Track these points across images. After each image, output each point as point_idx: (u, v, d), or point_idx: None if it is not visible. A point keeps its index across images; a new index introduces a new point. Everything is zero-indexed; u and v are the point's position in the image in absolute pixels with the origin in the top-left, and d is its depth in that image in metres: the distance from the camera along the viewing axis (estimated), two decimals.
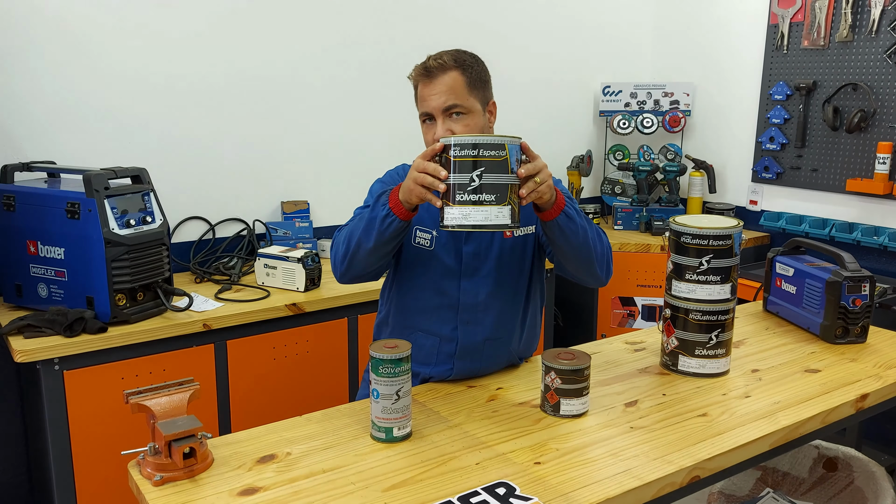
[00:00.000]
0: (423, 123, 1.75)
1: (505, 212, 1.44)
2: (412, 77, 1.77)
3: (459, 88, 1.70)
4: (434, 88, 1.70)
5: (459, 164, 1.43)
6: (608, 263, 1.73)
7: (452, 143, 1.44)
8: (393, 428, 1.45)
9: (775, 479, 2.33)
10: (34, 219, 2.19)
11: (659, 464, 1.38)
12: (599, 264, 1.69)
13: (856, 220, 3.24)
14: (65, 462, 2.12)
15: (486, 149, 1.42)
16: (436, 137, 1.68)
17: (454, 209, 1.44)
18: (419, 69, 1.73)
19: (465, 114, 1.72)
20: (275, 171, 3.02)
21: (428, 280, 1.78)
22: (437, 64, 1.71)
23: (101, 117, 2.62)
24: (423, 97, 1.73)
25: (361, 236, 1.64)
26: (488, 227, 1.44)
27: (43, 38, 2.48)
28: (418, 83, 1.74)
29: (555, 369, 1.55)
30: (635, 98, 3.88)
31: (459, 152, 1.43)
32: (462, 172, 1.43)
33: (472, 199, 1.43)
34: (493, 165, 1.42)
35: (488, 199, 1.43)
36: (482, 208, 1.43)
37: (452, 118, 1.70)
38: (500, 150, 1.43)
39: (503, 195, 1.44)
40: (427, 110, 1.72)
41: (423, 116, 1.74)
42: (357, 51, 3.14)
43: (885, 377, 1.78)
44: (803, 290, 2.10)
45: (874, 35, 3.08)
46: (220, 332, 2.34)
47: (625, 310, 3.45)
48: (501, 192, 1.43)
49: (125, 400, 1.36)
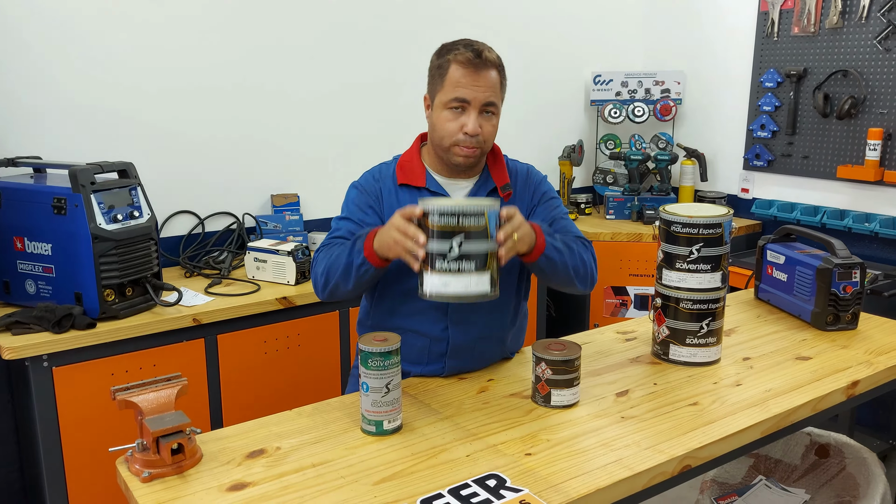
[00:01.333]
0: (448, 109, 1.67)
1: (484, 279, 1.44)
2: (449, 57, 1.67)
3: (498, 88, 1.70)
4: (481, 80, 1.65)
5: (439, 232, 1.42)
6: (591, 278, 1.74)
7: (433, 210, 1.43)
8: (383, 421, 1.45)
9: (768, 467, 2.34)
10: (20, 215, 2.17)
11: (650, 453, 1.37)
12: (581, 282, 1.72)
13: (847, 206, 3.24)
14: (55, 458, 2.11)
15: (466, 217, 1.41)
16: (469, 130, 1.65)
17: (433, 277, 1.44)
18: (467, 54, 1.65)
19: (495, 115, 1.71)
20: (264, 164, 3.00)
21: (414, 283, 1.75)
22: (491, 57, 1.67)
23: (88, 111, 2.60)
24: (463, 84, 1.65)
25: (340, 279, 1.65)
26: (468, 297, 1.44)
27: (27, 32, 2.45)
28: (457, 67, 1.65)
29: (545, 360, 1.54)
30: (626, 87, 3.87)
31: (439, 220, 1.42)
32: (442, 240, 1.42)
33: (451, 267, 1.43)
34: (473, 234, 1.42)
35: (468, 267, 1.43)
36: (462, 276, 1.43)
37: (485, 115, 1.68)
38: (480, 218, 1.43)
39: (482, 262, 1.44)
40: (466, 97, 1.64)
41: (454, 103, 1.66)
42: (347, 43, 3.11)
43: (876, 364, 1.78)
44: (794, 277, 2.10)
45: (864, 21, 3.08)
46: (211, 327, 2.32)
47: (617, 299, 3.45)
48: (481, 259, 1.44)
49: (112, 396, 1.35)
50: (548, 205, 1.81)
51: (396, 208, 1.74)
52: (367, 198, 1.77)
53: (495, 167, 1.79)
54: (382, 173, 1.80)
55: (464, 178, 1.78)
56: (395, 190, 1.77)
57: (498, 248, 1.46)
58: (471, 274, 1.43)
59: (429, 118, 1.75)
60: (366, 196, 1.77)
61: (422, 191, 1.75)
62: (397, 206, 1.75)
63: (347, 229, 1.72)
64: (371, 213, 1.75)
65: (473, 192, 1.77)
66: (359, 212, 1.75)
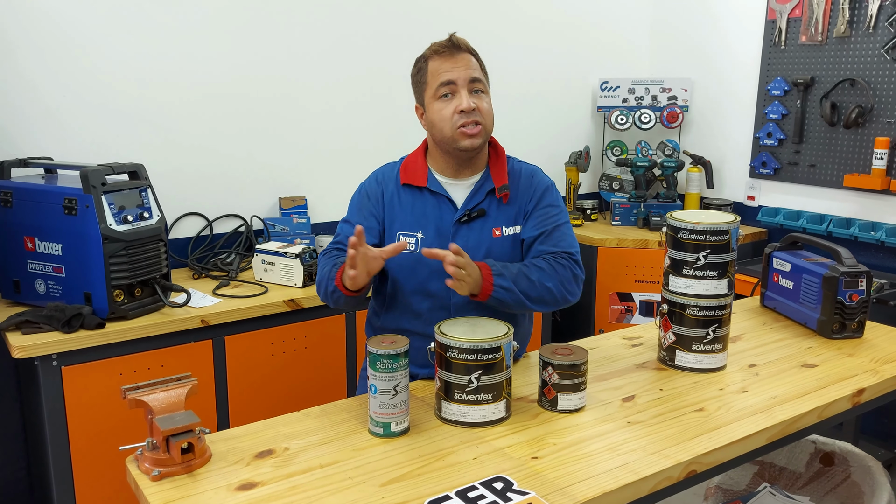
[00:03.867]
0: (439, 100, 1.71)
1: (500, 407, 1.51)
2: (425, 55, 1.75)
3: (479, 69, 1.75)
4: (460, 61, 1.71)
5: (456, 366, 1.48)
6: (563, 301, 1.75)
7: (453, 345, 1.48)
8: (391, 423, 1.46)
9: (772, 474, 2.34)
10: (31, 215, 2.19)
11: (656, 458, 1.38)
12: (547, 307, 1.75)
13: (853, 215, 3.24)
14: (63, 458, 2.12)
15: (484, 353, 1.47)
16: (464, 108, 1.68)
17: (452, 406, 1.50)
18: (439, 43, 1.73)
19: (485, 93, 1.75)
20: (273, 167, 3.02)
21: (416, 284, 1.77)
22: (461, 40, 1.73)
23: (99, 113, 2.62)
24: (443, 70, 1.71)
25: (323, 297, 1.74)
26: (484, 424, 1.51)
27: (39, 34, 2.47)
28: (434, 59, 1.73)
29: (552, 364, 1.55)
30: (633, 94, 3.88)
31: (458, 355, 1.47)
32: (459, 374, 1.48)
33: (470, 399, 1.49)
34: (490, 367, 1.48)
35: (485, 398, 1.49)
36: (479, 407, 1.49)
37: (475, 94, 1.72)
38: (497, 353, 1.48)
39: (499, 393, 1.50)
40: (451, 79, 1.69)
41: (442, 89, 1.71)
42: (353, 47, 3.13)
43: (882, 372, 1.78)
44: (800, 285, 2.10)
45: (872, 31, 3.08)
46: (219, 328, 2.34)
47: (622, 305, 3.45)
48: (497, 390, 1.50)
49: (122, 396, 1.36)
50: (543, 213, 1.80)
51: (398, 209, 1.78)
52: (369, 203, 1.81)
53: (496, 167, 1.81)
54: (386, 175, 1.83)
55: (466, 178, 1.80)
56: (398, 190, 1.80)
57: (510, 378, 1.53)
58: (487, 404, 1.50)
59: (425, 124, 1.79)
60: (367, 201, 1.82)
61: (423, 191, 1.78)
62: (398, 206, 1.78)
63: (346, 234, 1.79)
64: (371, 219, 1.79)
65: (473, 192, 1.79)
66: (360, 217, 1.80)
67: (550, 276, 1.71)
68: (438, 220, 1.77)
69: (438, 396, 1.53)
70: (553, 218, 1.80)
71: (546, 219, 1.80)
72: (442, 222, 1.77)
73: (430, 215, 1.78)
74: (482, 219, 1.77)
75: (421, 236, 1.76)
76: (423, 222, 1.77)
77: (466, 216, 1.76)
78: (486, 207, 1.78)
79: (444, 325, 1.55)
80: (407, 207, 1.78)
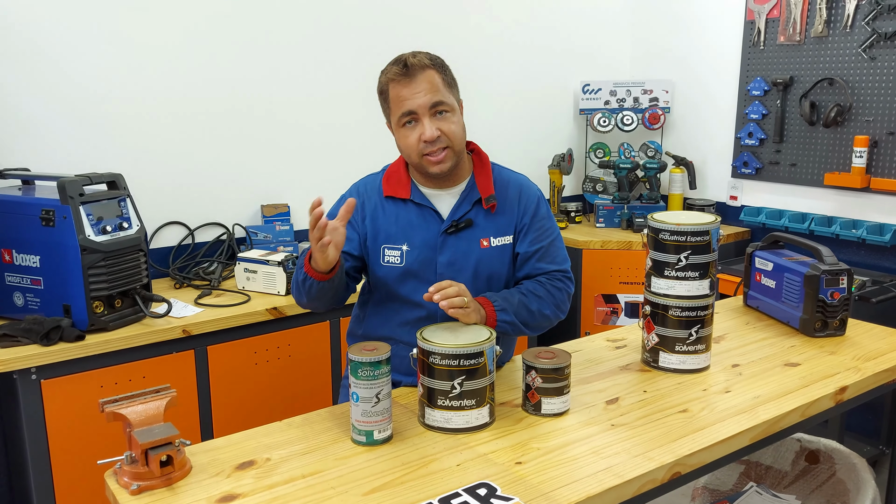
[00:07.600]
0: (403, 127, 1.69)
1: (484, 412, 1.51)
2: (384, 80, 1.70)
3: (440, 87, 1.67)
4: (417, 87, 1.64)
5: (438, 371, 1.47)
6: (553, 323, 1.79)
7: (436, 351, 1.47)
8: (373, 431, 1.45)
9: (758, 473, 2.34)
10: (8, 227, 2.16)
11: (640, 461, 1.38)
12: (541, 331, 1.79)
13: (834, 213, 3.26)
14: (44, 471, 2.09)
15: (466, 359, 1.46)
16: (426, 137, 1.64)
17: (435, 412, 1.49)
18: (395, 69, 1.66)
19: (450, 112, 1.69)
20: (254, 174, 3.00)
21: (403, 295, 1.76)
22: (416, 62, 1.65)
23: (77, 124, 2.59)
24: (403, 97, 1.66)
25: (296, 294, 1.72)
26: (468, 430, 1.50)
27: (14, 45, 2.45)
28: (393, 85, 1.67)
29: (535, 368, 1.55)
30: (615, 96, 3.89)
31: (440, 361, 1.46)
32: (442, 380, 1.47)
33: (453, 405, 1.48)
34: (473, 373, 1.47)
35: (469, 404, 1.48)
36: (463, 413, 1.48)
37: (438, 117, 1.67)
38: (480, 358, 1.48)
39: (482, 398, 1.50)
40: (411, 108, 1.65)
41: (404, 118, 1.67)
42: (333, 53, 3.12)
43: (864, 369, 1.79)
44: (782, 284, 2.11)
45: (849, 30, 3.11)
46: (201, 338, 2.31)
47: (608, 307, 3.45)
48: (481, 395, 1.49)
49: (100, 409, 1.35)
50: (538, 227, 1.80)
51: (381, 221, 1.76)
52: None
53: (481, 176, 1.79)
54: (368, 186, 1.81)
55: (449, 188, 1.78)
56: (381, 202, 1.78)
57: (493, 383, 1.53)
58: (471, 410, 1.49)
59: (396, 143, 1.76)
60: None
61: (407, 203, 1.76)
62: (382, 218, 1.76)
63: None
64: (348, 229, 1.74)
65: (459, 202, 1.77)
66: None
67: (548, 304, 1.75)
68: (425, 232, 1.75)
69: (422, 403, 1.52)
70: (547, 232, 1.81)
71: (541, 234, 1.80)
72: (428, 233, 1.75)
73: (416, 227, 1.76)
74: (469, 229, 1.76)
75: (406, 248, 1.74)
76: (408, 234, 1.75)
77: (454, 227, 1.75)
78: (473, 217, 1.76)
79: (425, 330, 1.54)
80: (391, 219, 1.76)
